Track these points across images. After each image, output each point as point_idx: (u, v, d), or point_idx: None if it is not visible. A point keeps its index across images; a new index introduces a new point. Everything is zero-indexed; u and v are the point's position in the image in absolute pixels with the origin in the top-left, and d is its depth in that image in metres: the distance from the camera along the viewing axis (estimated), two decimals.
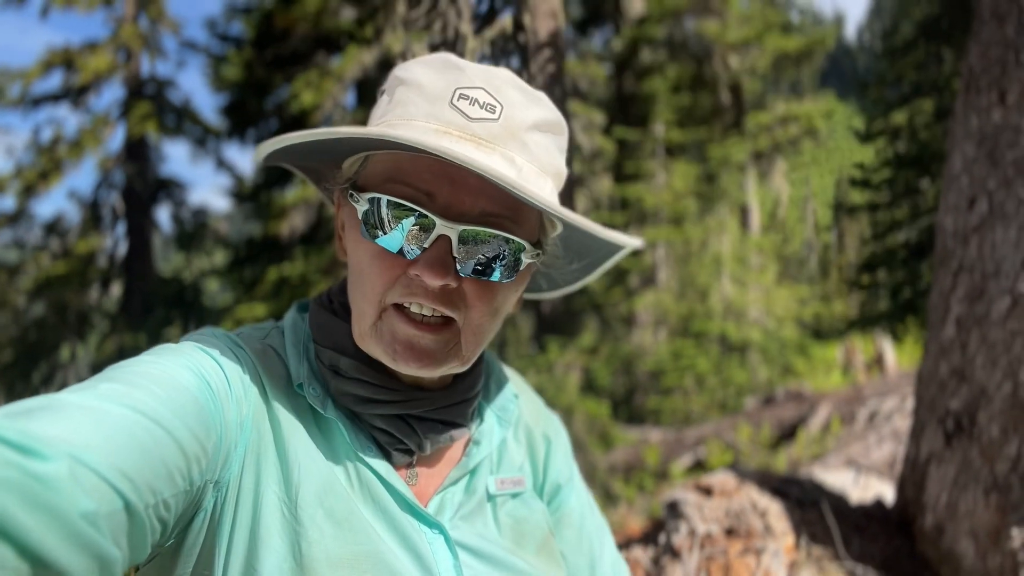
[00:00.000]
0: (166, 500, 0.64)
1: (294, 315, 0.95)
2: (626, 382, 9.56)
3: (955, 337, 2.10)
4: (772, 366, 9.59)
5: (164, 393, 0.68)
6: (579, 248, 0.97)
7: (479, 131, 0.80)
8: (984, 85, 2.20)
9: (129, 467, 0.59)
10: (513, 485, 0.96)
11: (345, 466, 0.83)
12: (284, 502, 0.77)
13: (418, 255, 0.79)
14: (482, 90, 0.81)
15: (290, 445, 0.80)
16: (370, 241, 0.81)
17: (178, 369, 0.73)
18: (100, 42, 15.10)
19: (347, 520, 0.79)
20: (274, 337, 0.91)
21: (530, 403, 1.10)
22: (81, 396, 0.63)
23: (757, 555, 1.92)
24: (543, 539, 0.95)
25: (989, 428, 1.91)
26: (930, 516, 2.07)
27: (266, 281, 11.22)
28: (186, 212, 17.13)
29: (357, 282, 0.84)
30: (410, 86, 0.83)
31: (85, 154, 14.77)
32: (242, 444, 0.77)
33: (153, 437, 0.63)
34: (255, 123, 13.65)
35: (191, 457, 0.67)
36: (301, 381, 0.85)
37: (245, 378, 0.81)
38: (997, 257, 1.99)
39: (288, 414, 0.83)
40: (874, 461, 3.77)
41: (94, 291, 15.82)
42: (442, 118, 0.80)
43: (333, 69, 10.66)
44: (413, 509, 0.84)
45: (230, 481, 0.76)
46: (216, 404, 0.74)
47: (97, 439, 0.58)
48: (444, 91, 0.81)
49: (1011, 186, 2.01)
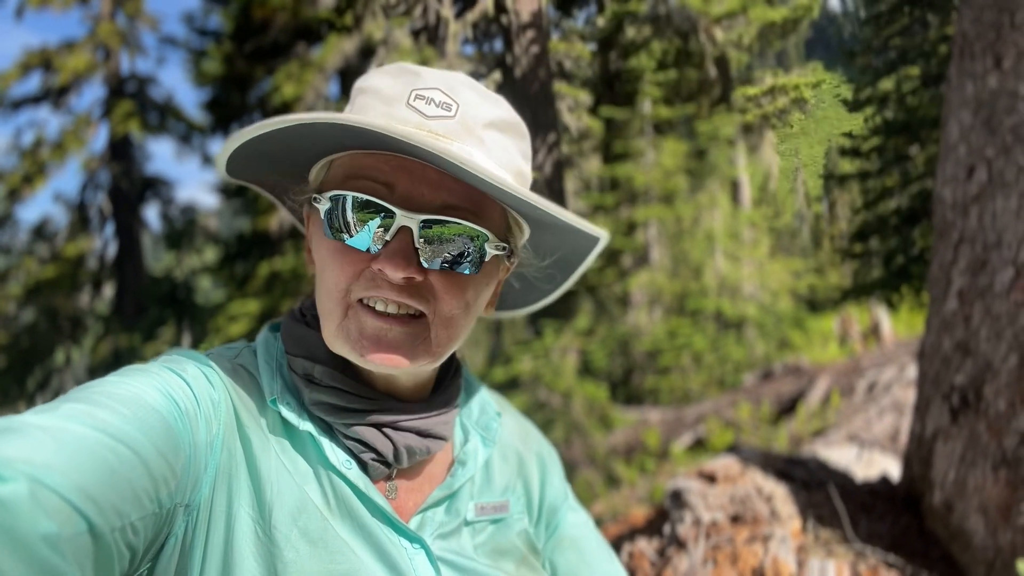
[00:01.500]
0: (133, 523, 0.61)
1: (266, 334, 0.93)
2: (623, 363, 9.54)
3: (958, 310, 2.06)
4: (769, 340, 9.58)
5: (130, 413, 0.66)
6: (547, 247, 0.97)
7: (436, 127, 0.80)
8: (978, 50, 2.14)
9: (93, 488, 0.57)
10: (494, 511, 0.94)
11: (321, 482, 0.81)
12: (258, 523, 0.75)
13: (380, 248, 0.78)
14: (438, 90, 0.82)
15: (262, 464, 0.78)
16: (333, 240, 0.80)
17: (145, 389, 0.71)
18: (78, 41, 14.88)
19: (322, 539, 0.77)
20: (245, 356, 0.89)
21: (515, 422, 1.08)
22: (42, 417, 0.60)
23: (764, 542, 1.88)
24: (521, 557, 0.94)
25: (996, 402, 1.87)
26: (938, 493, 2.04)
27: (258, 276, 11.16)
28: (174, 210, 17.00)
29: (322, 283, 0.83)
30: (368, 92, 0.84)
31: (68, 155, 14.60)
32: (212, 465, 0.75)
33: (118, 457, 0.61)
34: (239, 117, 13.51)
35: (159, 478, 0.65)
36: (275, 396, 0.83)
37: (215, 397, 0.79)
38: (998, 227, 1.95)
39: (260, 432, 0.81)
40: (876, 435, 3.75)
41: (85, 294, 15.71)
42: (398, 116, 0.80)
43: (314, 59, 10.54)
44: (392, 523, 0.82)
45: (201, 504, 0.73)
46: (184, 424, 0.72)
47: (59, 460, 0.56)
48: (400, 93, 0.82)
49: (1010, 153, 1.96)
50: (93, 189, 16.01)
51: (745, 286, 9.89)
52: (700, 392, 8.28)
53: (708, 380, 8.50)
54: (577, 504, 1.09)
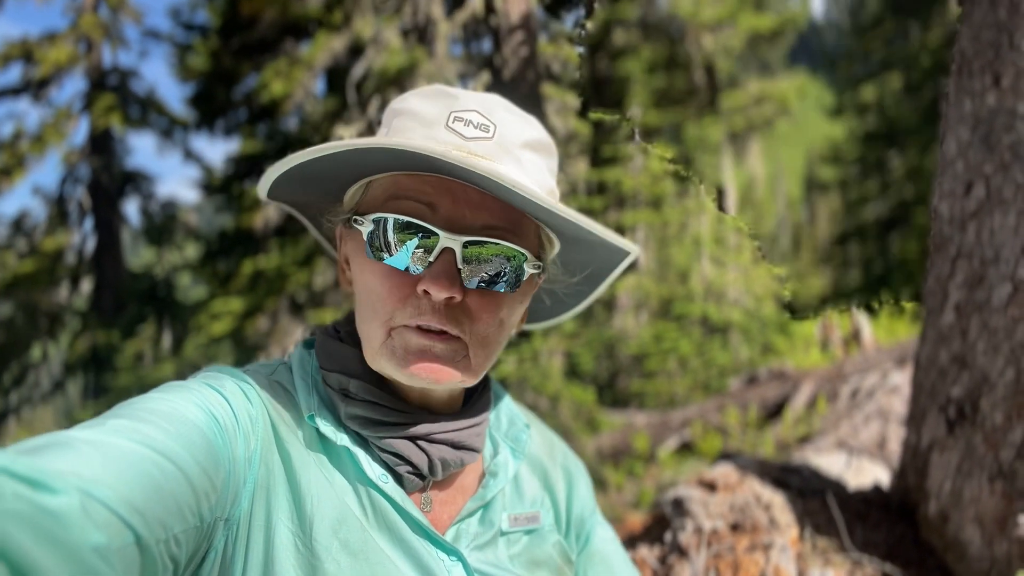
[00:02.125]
0: (176, 536, 0.63)
1: (300, 350, 0.95)
2: (609, 366, 9.59)
3: (955, 323, 2.10)
4: (753, 345, 9.68)
5: (172, 429, 0.68)
6: (577, 264, 0.99)
7: (475, 148, 0.82)
8: (977, 69, 2.18)
9: (139, 501, 0.59)
10: (527, 521, 0.96)
11: (359, 495, 0.82)
12: (298, 536, 0.77)
13: (424, 270, 0.80)
14: (476, 112, 0.83)
15: (302, 478, 0.80)
16: (376, 262, 0.81)
17: (186, 405, 0.73)
18: (60, 33, 14.65)
19: (363, 551, 0.78)
20: (281, 373, 0.91)
21: (542, 435, 1.10)
22: (90, 432, 0.62)
23: (765, 551, 1.90)
24: (556, 568, 0.95)
25: (992, 415, 1.91)
26: (934, 503, 2.07)
27: (241, 274, 11.07)
28: (155, 205, 16.79)
29: (366, 305, 0.84)
30: (405, 115, 0.85)
31: (48, 148, 14.38)
32: (251, 480, 0.77)
33: (163, 472, 0.63)
34: (223, 113, 13.41)
35: (200, 492, 0.67)
36: (312, 412, 0.85)
37: (253, 413, 0.81)
38: (996, 243, 1.98)
39: (299, 447, 0.82)
40: (863, 442, 3.80)
41: (64, 289, 15.50)
42: (440, 138, 0.82)
43: (302, 57, 10.47)
44: (429, 535, 0.84)
45: (240, 518, 0.75)
46: (224, 440, 0.73)
47: (107, 474, 0.58)
48: (439, 115, 0.83)
49: (1008, 171, 2.00)
50: (73, 183, 15.79)
51: (730, 291, 9.99)
52: (685, 396, 8.35)
53: (693, 384, 8.57)
54: (603, 519, 1.10)
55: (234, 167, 12.90)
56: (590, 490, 1.10)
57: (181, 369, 12.72)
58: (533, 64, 12.22)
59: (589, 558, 1.03)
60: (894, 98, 20.52)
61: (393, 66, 9.26)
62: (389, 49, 9.81)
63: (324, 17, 10.28)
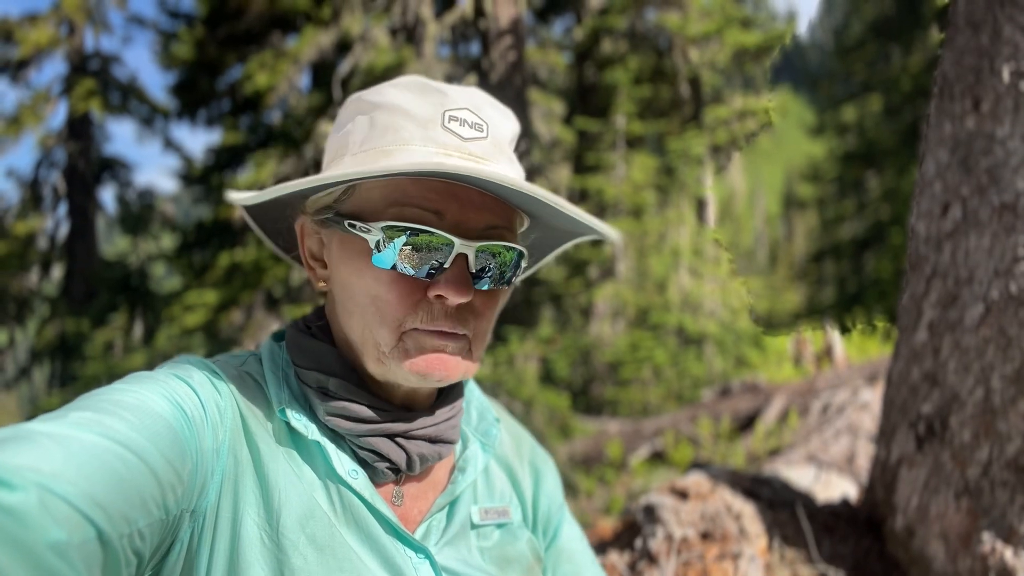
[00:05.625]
0: (140, 530, 0.62)
1: (270, 343, 0.94)
2: (584, 373, 9.62)
3: (927, 342, 2.13)
4: (727, 358, 9.76)
5: (137, 420, 0.67)
6: (537, 239, 1.01)
7: (474, 150, 0.83)
8: (958, 92, 2.22)
9: (102, 496, 0.58)
10: (498, 516, 0.96)
11: (328, 490, 0.82)
12: (264, 530, 0.76)
13: (438, 275, 0.81)
14: (467, 111, 0.84)
15: (270, 471, 0.79)
16: (383, 268, 0.81)
17: (151, 396, 0.72)
18: (41, 14, 14.41)
19: (329, 546, 0.78)
20: (251, 364, 0.90)
21: (510, 431, 1.10)
22: (51, 425, 0.61)
23: (734, 560, 1.91)
24: (528, 566, 0.95)
25: (961, 433, 1.94)
26: (900, 518, 2.10)
27: (217, 267, 10.96)
28: (132, 193, 16.55)
29: (368, 310, 0.83)
30: (392, 111, 0.85)
31: (24, 131, 14.13)
32: (219, 472, 0.76)
33: (126, 465, 0.62)
34: (206, 103, 13.28)
35: (166, 485, 0.66)
36: (283, 406, 0.84)
37: (222, 404, 0.80)
38: (971, 264, 2.02)
39: (267, 439, 0.82)
40: (833, 456, 3.84)
41: (34, 274, 15.22)
42: (439, 140, 0.82)
43: (288, 50, 10.41)
44: (397, 532, 0.84)
45: (207, 510, 0.75)
46: (191, 431, 0.73)
47: (68, 468, 0.57)
48: (433, 114, 0.83)
49: (984, 194, 2.04)
50: (48, 167, 15.53)
51: (707, 303, 10.07)
52: (659, 405, 8.39)
53: (667, 394, 8.62)
54: (571, 516, 1.11)
55: (214, 158, 12.78)
56: (558, 485, 1.11)
57: (152, 360, 12.54)
58: (520, 69, 12.26)
59: (556, 555, 1.04)
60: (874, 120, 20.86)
61: (380, 64, 9.23)
62: (377, 47, 9.79)
63: (312, 11, 10.23)
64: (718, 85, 11.62)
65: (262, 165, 10.32)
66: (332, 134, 0.92)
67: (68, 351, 14.53)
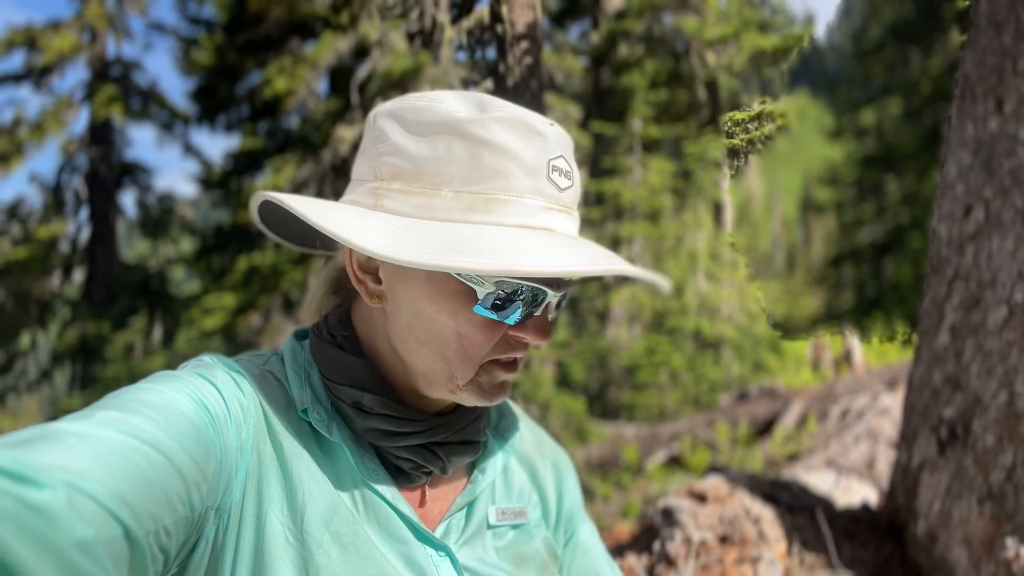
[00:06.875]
0: (166, 527, 0.63)
1: (292, 342, 0.94)
2: (600, 377, 9.59)
3: (949, 345, 2.11)
4: (745, 362, 9.69)
5: (162, 419, 0.68)
6: None
7: (567, 200, 0.84)
8: (980, 93, 2.20)
9: (128, 494, 0.59)
10: (514, 516, 0.96)
11: (350, 489, 0.83)
12: (288, 528, 0.77)
13: (524, 319, 0.83)
14: (562, 158, 0.84)
15: (293, 469, 0.80)
16: (481, 314, 0.81)
17: (175, 395, 0.73)
18: (64, 21, 14.62)
19: (353, 543, 0.79)
20: (273, 363, 0.91)
21: (530, 430, 1.10)
22: (77, 424, 0.62)
23: (753, 564, 1.90)
24: (543, 564, 0.96)
25: (984, 437, 1.92)
26: (922, 523, 2.08)
27: (236, 270, 11.04)
28: (152, 198, 16.72)
29: (448, 346, 0.83)
30: (501, 153, 0.80)
31: (47, 136, 14.32)
32: (243, 469, 0.77)
33: (152, 463, 0.63)
34: (225, 109, 13.39)
35: (191, 483, 0.67)
36: (305, 406, 0.85)
37: (245, 403, 0.81)
38: (993, 266, 2.00)
39: (290, 438, 0.83)
40: (852, 461, 3.80)
41: (56, 278, 15.41)
42: (545, 192, 0.82)
43: (307, 55, 10.48)
44: (418, 531, 0.84)
45: (231, 507, 0.75)
46: (215, 429, 0.74)
47: (95, 466, 0.58)
48: (539, 163, 0.82)
49: (1008, 195, 2.01)
50: (70, 172, 15.72)
51: (724, 307, 10.01)
52: (675, 410, 8.34)
53: (684, 398, 8.57)
54: (586, 514, 1.12)
55: (233, 163, 12.89)
56: (578, 485, 1.12)
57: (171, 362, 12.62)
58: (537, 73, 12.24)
59: (573, 550, 1.05)
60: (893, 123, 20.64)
61: (397, 69, 9.25)
62: (394, 52, 9.83)
63: (331, 17, 10.29)
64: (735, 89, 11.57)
65: (280, 170, 10.39)
66: (397, 135, 0.84)
67: (89, 354, 14.69)
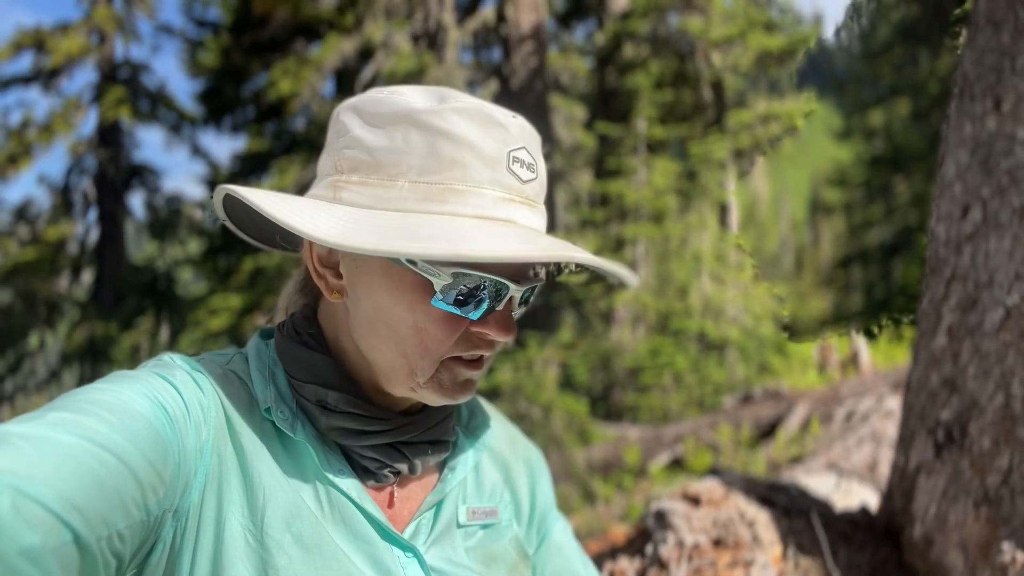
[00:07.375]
0: (120, 532, 0.62)
1: (257, 341, 0.92)
2: (604, 378, 9.58)
3: (947, 346, 2.08)
4: (749, 364, 9.66)
5: (116, 420, 0.66)
6: None
7: (529, 192, 0.83)
8: (978, 92, 2.18)
9: (79, 498, 0.58)
10: (485, 516, 0.95)
11: (315, 489, 0.81)
12: (249, 529, 0.75)
13: (487, 315, 0.81)
14: (524, 150, 0.83)
15: (254, 470, 0.78)
16: (435, 307, 0.79)
17: (131, 395, 0.70)
18: (73, 24, 14.74)
19: (316, 545, 0.77)
20: (237, 362, 0.89)
21: (502, 428, 1.09)
22: (25, 426, 0.60)
23: (746, 567, 1.89)
24: (512, 564, 0.95)
25: (980, 440, 1.89)
26: (919, 527, 2.05)
27: (242, 271, 11.10)
28: (159, 199, 16.85)
29: (407, 340, 0.81)
30: (459, 143, 0.79)
31: (56, 138, 14.45)
32: (202, 471, 0.75)
33: (105, 466, 0.61)
34: (232, 110, 13.48)
35: (146, 486, 0.65)
36: (268, 405, 0.83)
37: (205, 402, 0.79)
38: (991, 267, 1.97)
39: (253, 438, 0.81)
40: (855, 464, 3.77)
41: (64, 279, 15.53)
42: (504, 183, 0.80)
43: (312, 57, 10.53)
44: (385, 532, 0.83)
45: (190, 510, 0.74)
46: (173, 430, 0.71)
47: (43, 470, 0.57)
48: (499, 154, 0.81)
49: (1005, 195, 1.99)
50: (78, 173, 15.86)
51: (729, 309, 9.98)
52: (679, 412, 8.32)
53: (688, 400, 8.55)
54: (559, 512, 1.11)
55: (240, 164, 12.96)
56: (550, 484, 1.11)
57: None
58: (542, 75, 12.26)
59: (547, 550, 1.04)
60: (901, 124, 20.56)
61: (402, 70, 9.29)
62: (399, 53, 9.85)
63: (335, 19, 10.33)
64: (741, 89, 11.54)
65: (286, 171, 10.44)
66: (357, 128, 0.82)
67: (97, 354, 14.79)
